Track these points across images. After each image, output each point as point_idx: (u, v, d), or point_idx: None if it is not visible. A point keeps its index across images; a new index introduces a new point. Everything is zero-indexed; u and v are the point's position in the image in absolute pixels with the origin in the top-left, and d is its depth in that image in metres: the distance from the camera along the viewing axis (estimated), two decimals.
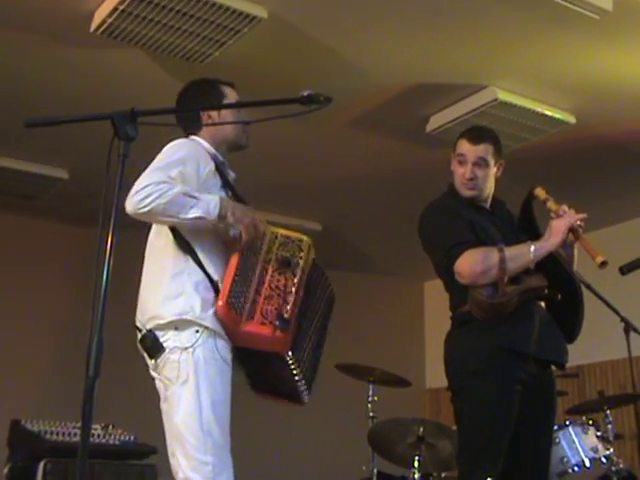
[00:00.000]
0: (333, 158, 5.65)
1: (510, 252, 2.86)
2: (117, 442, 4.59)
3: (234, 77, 4.42)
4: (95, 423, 4.56)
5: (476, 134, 3.13)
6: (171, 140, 2.72)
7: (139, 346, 2.64)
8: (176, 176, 2.53)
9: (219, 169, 2.74)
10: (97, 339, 1.80)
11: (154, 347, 2.55)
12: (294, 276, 2.57)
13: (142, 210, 2.44)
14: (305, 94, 2.19)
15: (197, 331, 2.53)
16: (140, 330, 2.63)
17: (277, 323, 2.49)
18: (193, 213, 2.49)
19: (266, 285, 2.55)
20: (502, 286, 2.82)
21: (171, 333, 2.55)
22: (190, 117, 2.85)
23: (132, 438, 4.69)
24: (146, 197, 2.44)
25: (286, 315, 2.51)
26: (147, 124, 1.98)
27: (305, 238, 2.70)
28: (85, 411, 1.77)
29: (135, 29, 3.92)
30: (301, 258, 2.60)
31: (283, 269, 2.57)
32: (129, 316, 2.80)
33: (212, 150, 2.78)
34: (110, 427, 4.66)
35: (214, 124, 2.80)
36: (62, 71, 4.49)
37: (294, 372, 2.60)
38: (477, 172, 3.05)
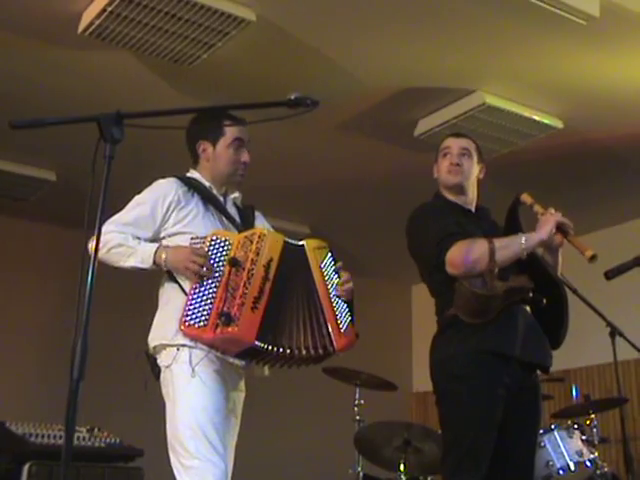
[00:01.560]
0: (321, 161, 5.65)
1: (500, 242, 2.89)
2: (102, 444, 4.58)
3: (222, 79, 4.44)
4: (81, 426, 4.54)
5: (458, 133, 3.39)
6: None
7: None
8: (129, 220, 2.78)
9: (198, 190, 2.86)
10: (82, 341, 1.80)
11: (154, 369, 2.78)
12: (243, 270, 2.65)
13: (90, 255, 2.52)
14: (292, 97, 2.18)
15: (178, 349, 2.69)
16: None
17: (218, 321, 2.59)
18: (130, 262, 2.74)
19: (225, 290, 2.64)
20: (491, 279, 2.83)
21: (161, 355, 2.75)
22: (190, 150, 2.98)
23: (118, 441, 4.68)
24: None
25: (231, 310, 2.59)
26: (133, 126, 1.98)
27: (257, 230, 2.76)
28: (69, 413, 1.77)
29: (123, 31, 3.91)
30: (250, 251, 2.67)
31: (236, 269, 2.65)
32: (114, 318, 2.79)
33: (202, 180, 2.91)
34: (95, 430, 4.65)
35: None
36: (49, 72, 4.47)
37: (279, 353, 2.65)
38: (462, 160, 3.16)
